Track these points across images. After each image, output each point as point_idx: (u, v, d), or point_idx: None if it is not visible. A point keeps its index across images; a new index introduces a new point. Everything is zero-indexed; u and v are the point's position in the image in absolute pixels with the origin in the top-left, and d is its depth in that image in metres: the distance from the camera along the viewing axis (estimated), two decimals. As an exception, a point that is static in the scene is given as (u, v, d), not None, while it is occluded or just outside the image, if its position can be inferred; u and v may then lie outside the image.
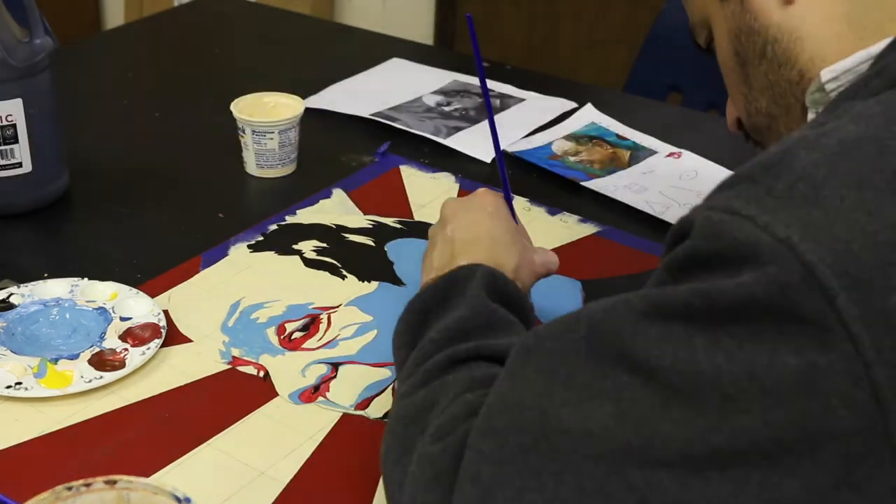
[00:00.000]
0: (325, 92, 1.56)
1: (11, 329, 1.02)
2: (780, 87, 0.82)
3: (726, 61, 0.86)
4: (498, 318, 0.84)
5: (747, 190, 0.63)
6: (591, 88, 1.65)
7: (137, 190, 1.31)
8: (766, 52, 0.81)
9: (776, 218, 0.61)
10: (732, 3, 0.83)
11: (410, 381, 0.81)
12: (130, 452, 0.89)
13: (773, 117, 0.85)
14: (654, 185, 1.34)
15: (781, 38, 0.80)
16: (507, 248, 0.95)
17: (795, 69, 0.80)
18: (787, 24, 0.79)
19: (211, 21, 1.89)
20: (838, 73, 0.76)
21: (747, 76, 0.84)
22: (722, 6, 0.84)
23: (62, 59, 1.25)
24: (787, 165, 0.63)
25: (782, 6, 0.79)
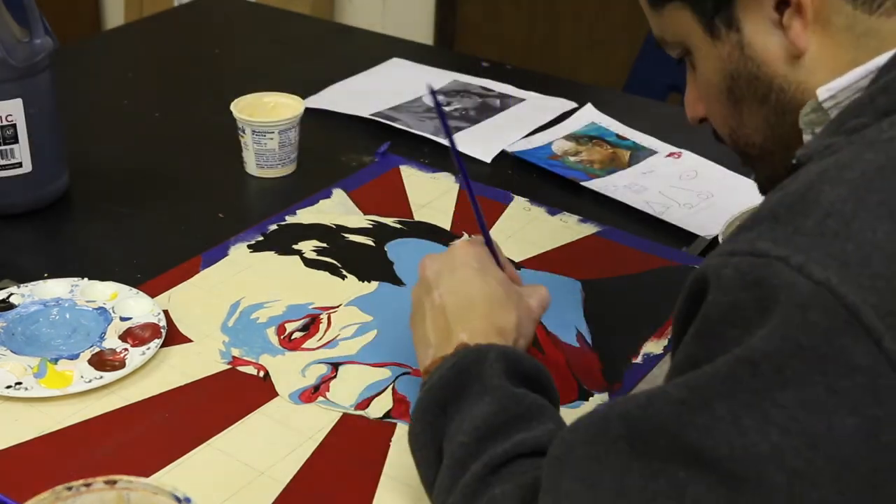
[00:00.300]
0: (325, 92, 1.56)
1: (11, 329, 1.02)
2: (782, 130, 0.78)
3: (714, 94, 0.82)
4: (527, 405, 0.78)
5: (772, 230, 0.61)
6: (591, 88, 1.65)
7: (137, 190, 1.31)
8: (768, 99, 0.78)
9: (810, 258, 0.59)
10: (728, 44, 0.78)
11: (451, 501, 0.76)
12: (130, 452, 0.89)
13: (767, 151, 0.81)
14: (654, 185, 1.34)
15: (788, 89, 0.76)
16: (504, 306, 0.89)
17: None
18: (794, 76, 0.76)
19: (211, 21, 1.89)
20: (836, 90, 0.73)
21: (740, 114, 0.81)
22: (714, 44, 0.78)
23: (62, 59, 1.25)
24: (813, 202, 0.61)
25: (790, 60, 0.76)
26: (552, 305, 1.09)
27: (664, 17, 0.82)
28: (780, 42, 0.75)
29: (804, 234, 0.60)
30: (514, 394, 0.78)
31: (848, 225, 0.60)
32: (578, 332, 1.06)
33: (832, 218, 0.60)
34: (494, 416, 0.76)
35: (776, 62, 0.76)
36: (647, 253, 1.20)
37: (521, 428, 0.76)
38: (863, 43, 0.73)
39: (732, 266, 0.62)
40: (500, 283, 0.91)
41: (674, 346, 0.70)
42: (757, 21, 0.76)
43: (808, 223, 0.60)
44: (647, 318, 1.09)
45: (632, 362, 1.03)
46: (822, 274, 0.58)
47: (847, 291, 0.58)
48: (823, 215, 0.60)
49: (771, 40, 0.76)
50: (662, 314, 1.09)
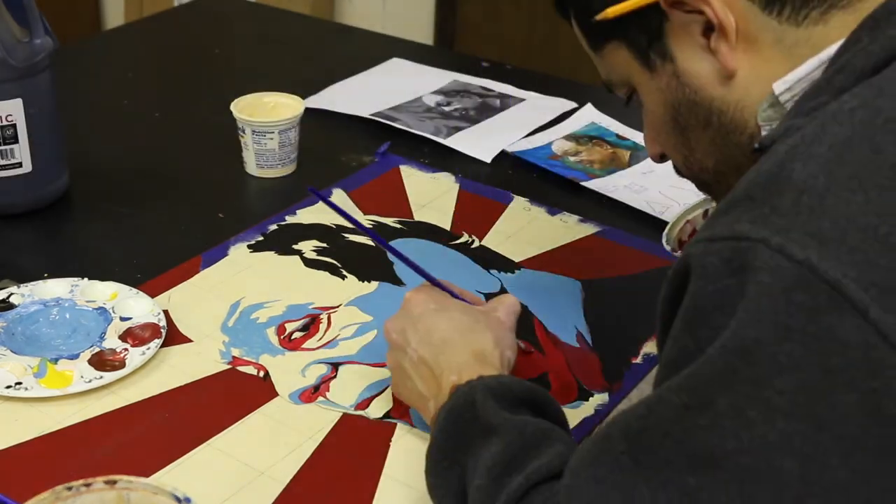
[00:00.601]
0: (325, 92, 1.56)
1: (11, 329, 1.02)
2: (730, 150, 0.79)
3: (661, 125, 0.83)
4: (531, 433, 0.77)
5: (749, 212, 0.62)
6: (591, 88, 1.65)
7: (137, 190, 1.31)
8: (711, 122, 0.78)
9: (789, 238, 0.59)
10: (664, 75, 0.79)
11: None
12: (130, 452, 0.89)
13: (721, 174, 0.82)
14: (654, 185, 1.34)
15: (727, 110, 0.77)
16: (475, 330, 0.89)
17: (745, 134, 0.77)
18: (731, 97, 0.76)
19: (211, 21, 1.89)
20: (791, 83, 0.73)
21: (688, 140, 0.81)
22: (653, 77, 0.80)
23: (62, 59, 1.25)
24: (786, 180, 0.62)
25: (723, 82, 0.76)
26: (552, 305, 1.10)
27: (605, 58, 0.83)
28: (712, 66, 0.76)
29: (781, 214, 0.60)
30: (515, 425, 0.78)
31: (822, 201, 0.60)
32: (578, 332, 1.06)
33: (806, 195, 0.60)
34: (502, 452, 0.76)
35: (711, 86, 0.77)
36: (647, 253, 1.20)
37: (532, 456, 0.75)
38: (795, 53, 0.73)
39: (716, 253, 0.62)
40: (463, 311, 0.92)
41: (659, 340, 0.70)
42: (687, 49, 0.76)
43: (784, 202, 0.61)
44: (647, 318, 1.08)
45: (632, 362, 1.03)
46: (802, 253, 0.58)
47: (827, 268, 0.58)
48: (798, 193, 0.61)
49: (703, 66, 0.76)
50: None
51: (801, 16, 0.73)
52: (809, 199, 0.60)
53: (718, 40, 0.74)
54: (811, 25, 0.73)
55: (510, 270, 1.16)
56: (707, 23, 0.74)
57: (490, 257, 1.18)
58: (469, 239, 1.21)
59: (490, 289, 1.12)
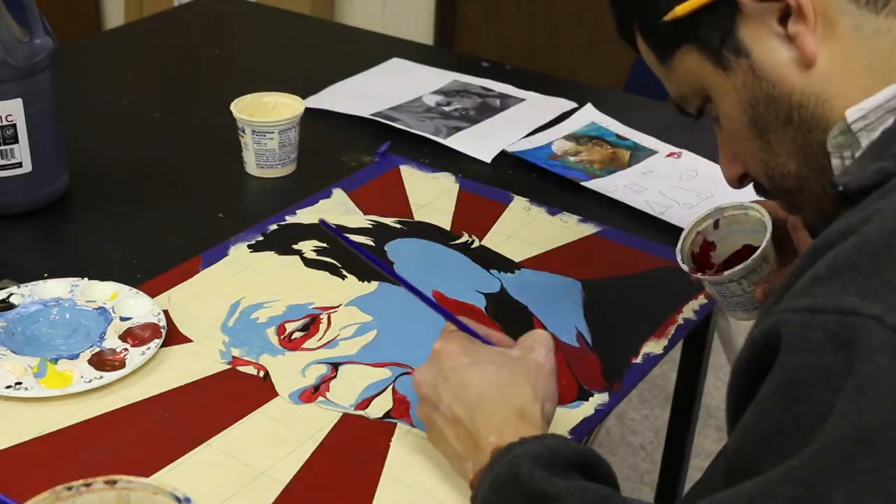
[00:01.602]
0: (325, 92, 1.56)
1: (11, 329, 1.02)
2: (812, 150, 0.76)
3: (739, 130, 0.79)
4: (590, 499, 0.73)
5: (857, 284, 0.59)
6: (591, 88, 1.65)
7: (137, 190, 1.31)
8: (791, 119, 0.75)
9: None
10: (740, 72, 0.76)
11: None
12: (130, 452, 0.89)
13: (804, 179, 0.78)
14: (654, 185, 1.34)
15: (808, 103, 0.74)
16: (512, 383, 0.84)
17: (827, 132, 0.74)
18: (811, 88, 0.74)
19: (211, 21, 1.89)
20: (867, 111, 0.71)
21: (768, 143, 0.78)
22: (727, 76, 0.77)
23: (62, 59, 1.25)
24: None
25: (802, 71, 0.74)
26: (552, 305, 1.10)
27: (675, 68, 0.81)
28: (790, 55, 0.74)
29: (895, 289, 0.58)
30: (572, 492, 0.74)
31: None
32: (578, 332, 1.06)
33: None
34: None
35: (790, 77, 0.74)
36: (647, 253, 1.20)
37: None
38: (874, 45, 0.72)
39: (819, 326, 0.59)
40: (497, 362, 0.86)
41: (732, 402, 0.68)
42: (763, 39, 0.74)
43: None
44: (647, 318, 1.09)
45: (632, 362, 1.03)
46: None
47: None
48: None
49: (780, 56, 0.74)
50: (662, 314, 1.09)
51: (880, 2, 0.72)
52: None
53: (797, 24, 0.72)
54: (891, 16, 0.72)
55: (510, 270, 1.16)
56: (783, 9, 0.72)
57: (490, 257, 1.18)
58: (469, 239, 1.21)
59: (490, 289, 1.12)
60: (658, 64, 0.83)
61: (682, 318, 1.09)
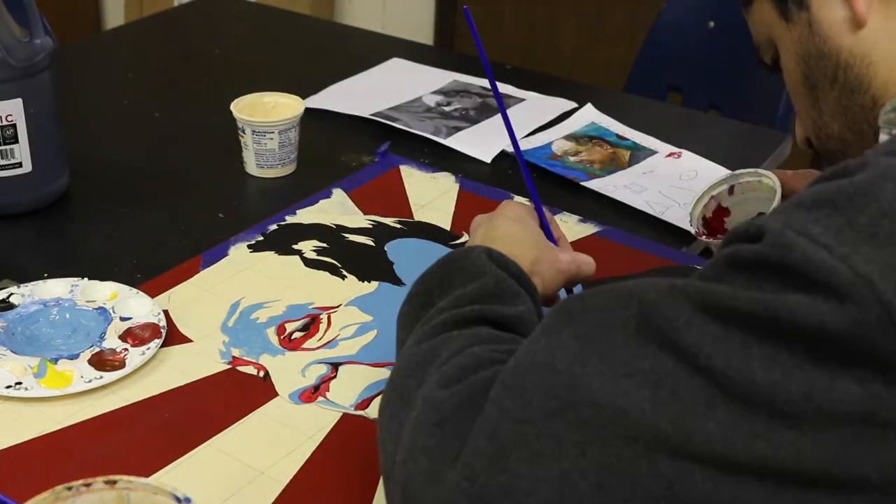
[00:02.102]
0: (325, 92, 1.56)
1: (11, 329, 1.02)
2: (854, 113, 0.79)
3: (795, 85, 0.84)
4: (504, 287, 0.81)
5: (827, 217, 0.61)
6: (591, 88, 1.65)
7: (137, 190, 1.31)
8: (837, 78, 0.79)
9: (856, 251, 0.59)
10: (800, 25, 0.81)
11: (412, 339, 0.79)
12: (130, 452, 0.89)
13: (846, 142, 0.82)
14: (654, 185, 1.34)
15: (854, 63, 0.78)
16: (527, 244, 0.91)
17: (868, 95, 0.78)
18: (859, 49, 0.77)
19: (211, 21, 1.89)
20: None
21: (817, 100, 0.82)
22: (789, 28, 0.82)
23: (62, 59, 1.25)
24: (872, 198, 0.61)
25: (853, 30, 0.78)
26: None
27: (753, 16, 0.86)
28: (844, 14, 0.78)
29: (855, 230, 0.60)
30: (496, 274, 0.82)
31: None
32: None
33: (887, 219, 0.60)
34: (473, 290, 0.80)
35: (840, 35, 0.78)
36: (647, 253, 1.20)
37: (494, 303, 0.80)
38: None
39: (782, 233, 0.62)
40: (529, 231, 0.93)
41: None
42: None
43: (862, 219, 0.60)
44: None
45: (632, 362, 1.03)
46: (865, 269, 0.58)
47: (886, 289, 0.58)
48: (879, 214, 0.60)
49: (835, 13, 0.78)
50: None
51: None
52: (890, 224, 0.60)
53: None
54: None
55: (510, 270, 1.16)
56: None
57: (490, 257, 1.18)
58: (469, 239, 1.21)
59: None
60: (744, 10, 0.88)
61: (682, 318, 1.09)
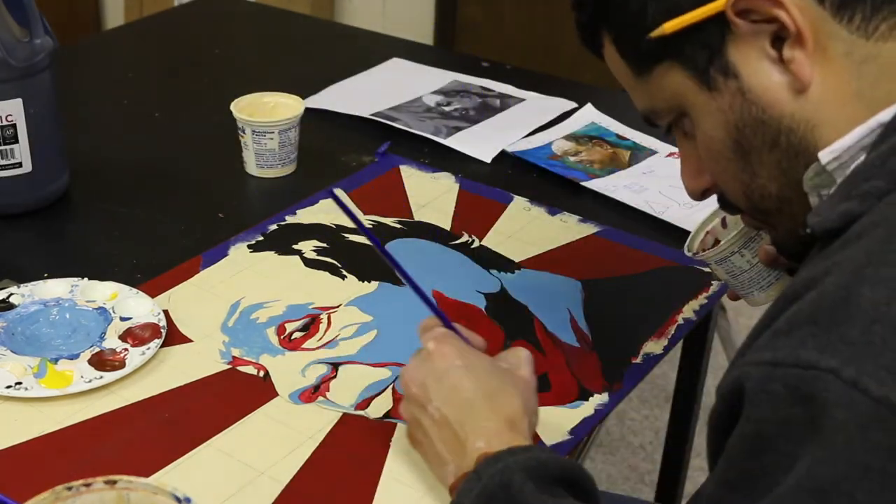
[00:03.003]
0: (325, 92, 1.56)
1: (11, 329, 1.02)
2: (797, 173, 0.74)
3: (721, 151, 0.77)
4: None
5: (815, 337, 0.59)
6: (591, 88, 1.65)
7: (137, 190, 1.31)
8: (779, 143, 0.74)
9: (862, 370, 0.57)
10: (727, 94, 0.74)
11: None
12: (130, 452, 0.89)
13: (785, 200, 0.77)
14: (654, 185, 1.34)
15: (797, 129, 0.72)
16: (504, 393, 0.84)
17: (814, 156, 0.73)
18: (801, 114, 0.72)
19: (211, 21, 1.89)
20: (839, 151, 0.71)
21: (750, 164, 0.76)
22: (712, 96, 0.74)
23: (62, 59, 1.25)
24: (855, 306, 0.59)
25: (794, 96, 0.72)
26: (552, 305, 1.10)
27: (652, 83, 0.78)
28: (782, 79, 0.72)
29: (851, 343, 0.58)
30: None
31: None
32: (578, 332, 1.06)
33: (879, 324, 0.58)
34: None
35: (781, 102, 0.72)
36: (647, 253, 1.20)
37: None
38: (864, 71, 0.71)
39: (779, 379, 0.60)
40: (491, 372, 0.85)
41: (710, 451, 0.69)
42: (753, 62, 0.72)
43: (854, 331, 0.59)
44: (647, 318, 1.09)
45: (632, 362, 1.03)
46: (880, 390, 0.57)
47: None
48: (869, 321, 0.58)
49: (772, 79, 0.72)
50: (662, 314, 1.09)
51: (870, 27, 0.70)
52: (883, 329, 0.58)
53: (793, 49, 0.70)
54: (881, 41, 0.70)
55: (510, 270, 1.16)
56: (776, 32, 0.71)
57: (490, 257, 1.18)
58: (469, 239, 1.21)
59: (490, 289, 1.12)
60: (630, 76, 0.80)
61: (682, 318, 1.09)
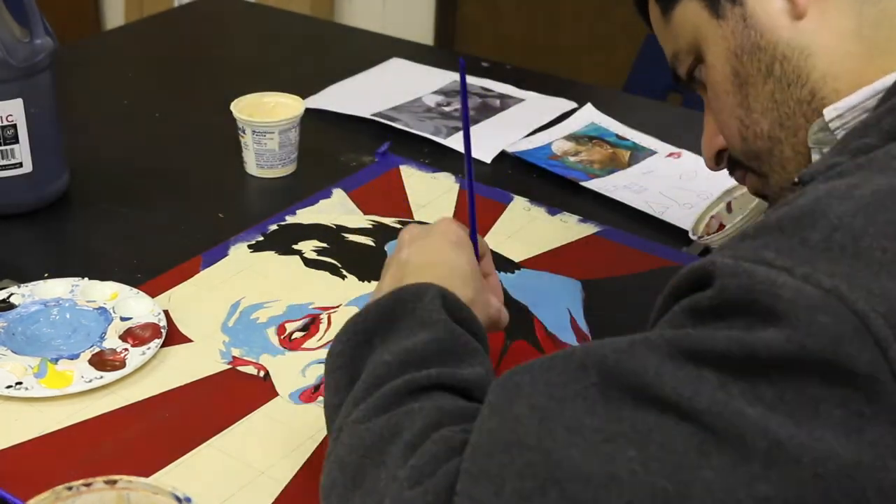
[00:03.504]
0: (325, 92, 1.56)
1: (11, 329, 1.02)
2: (788, 107, 0.78)
3: (721, 84, 0.82)
4: (462, 343, 0.75)
5: (777, 241, 0.61)
6: (591, 88, 1.65)
7: (137, 190, 1.31)
8: (773, 71, 0.78)
9: (816, 269, 0.58)
10: (732, 20, 0.79)
11: (362, 407, 0.71)
12: (130, 452, 0.89)
13: (775, 140, 0.80)
14: (654, 185, 1.34)
15: (791, 56, 0.77)
16: (464, 279, 0.84)
17: (806, 87, 0.77)
18: (797, 41, 0.76)
19: (211, 21, 1.89)
20: (843, 110, 0.73)
21: (746, 97, 0.80)
22: (719, 24, 0.80)
23: (62, 59, 1.25)
24: (821, 215, 0.60)
25: (792, 22, 0.77)
26: (552, 305, 1.09)
27: (674, 22, 0.84)
28: (781, 5, 0.77)
29: (809, 247, 0.59)
30: (450, 329, 0.75)
31: (856, 241, 0.59)
32: (578, 333, 1.06)
33: (840, 232, 0.59)
34: (425, 345, 0.73)
35: (778, 28, 0.77)
36: (647, 253, 1.20)
37: (451, 363, 0.73)
38: (864, 11, 0.74)
39: (737, 266, 0.61)
40: (470, 262, 0.86)
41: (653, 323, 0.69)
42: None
43: (815, 235, 0.60)
44: (647, 318, 1.09)
45: (632, 362, 1.03)
46: (830, 282, 0.57)
47: (857, 298, 0.57)
48: (831, 229, 0.60)
49: (772, 5, 0.77)
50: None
51: None
52: (842, 237, 0.59)
53: None
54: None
55: (510, 270, 1.16)
56: None
57: (490, 257, 1.18)
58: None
59: (490, 289, 1.12)
60: (660, 21, 0.86)
61: (682, 318, 1.09)
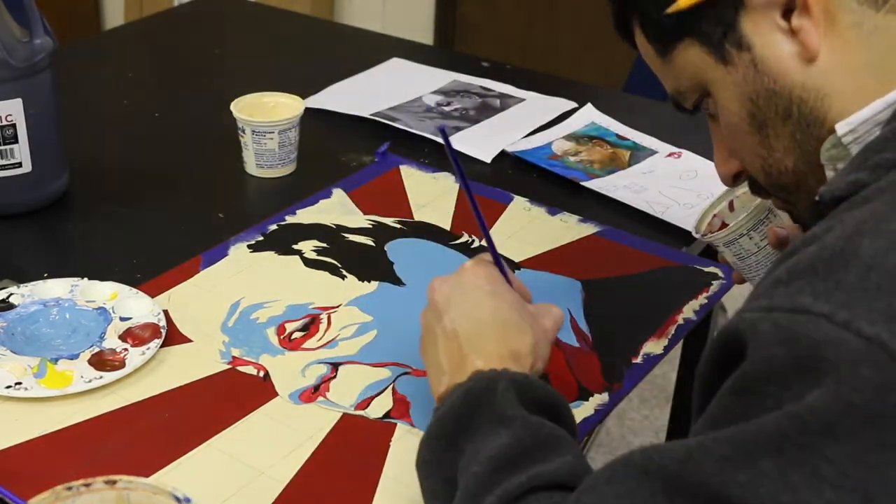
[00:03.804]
0: (325, 92, 1.56)
1: (11, 329, 1.02)
2: (810, 146, 0.77)
3: (739, 125, 0.80)
4: (544, 436, 0.75)
5: (812, 285, 0.60)
6: (591, 88, 1.65)
7: (137, 190, 1.31)
8: (791, 114, 0.76)
9: (855, 313, 0.58)
10: (741, 66, 0.77)
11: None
12: (130, 452, 0.89)
13: (801, 175, 0.79)
14: (654, 185, 1.34)
15: (808, 98, 0.75)
16: (519, 329, 0.85)
17: (825, 127, 0.75)
18: (812, 83, 0.75)
19: (211, 21, 1.89)
20: (855, 124, 0.73)
21: (766, 137, 0.79)
22: (727, 70, 0.78)
23: (62, 59, 1.25)
24: (853, 254, 0.60)
25: (803, 65, 0.75)
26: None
27: (675, 63, 0.82)
28: (792, 49, 0.75)
29: (846, 290, 0.59)
30: (530, 423, 0.75)
31: (892, 279, 0.58)
32: (578, 332, 1.06)
33: (875, 272, 0.59)
34: (509, 447, 0.73)
35: (791, 72, 0.75)
36: (647, 253, 1.20)
37: (538, 459, 0.73)
38: (873, 43, 0.73)
39: (771, 322, 0.60)
40: (513, 305, 0.87)
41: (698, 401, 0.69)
42: (765, 34, 0.75)
43: (850, 277, 0.59)
44: (647, 318, 1.09)
45: (632, 362, 1.03)
46: (871, 329, 0.57)
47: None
48: (865, 269, 0.59)
49: (782, 50, 0.75)
50: (662, 314, 1.09)
51: None
52: (878, 276, 0.59)
53: (801, 18, 0.73)
54: (891, 14, 0.73)
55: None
56: (786, 4, 0.74)
57: (490, 257, 1.18)
58: (469, 239, 1.21)
59: (490, 289, 1.12)
60: (657, 59, 0.84)
61: (682, 318, 1.09)
